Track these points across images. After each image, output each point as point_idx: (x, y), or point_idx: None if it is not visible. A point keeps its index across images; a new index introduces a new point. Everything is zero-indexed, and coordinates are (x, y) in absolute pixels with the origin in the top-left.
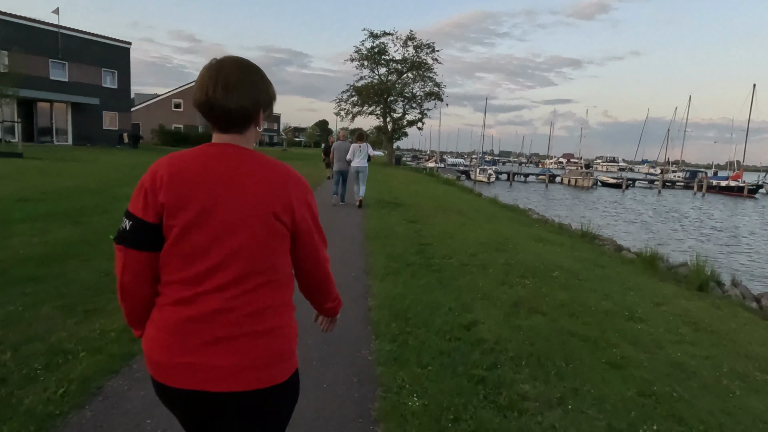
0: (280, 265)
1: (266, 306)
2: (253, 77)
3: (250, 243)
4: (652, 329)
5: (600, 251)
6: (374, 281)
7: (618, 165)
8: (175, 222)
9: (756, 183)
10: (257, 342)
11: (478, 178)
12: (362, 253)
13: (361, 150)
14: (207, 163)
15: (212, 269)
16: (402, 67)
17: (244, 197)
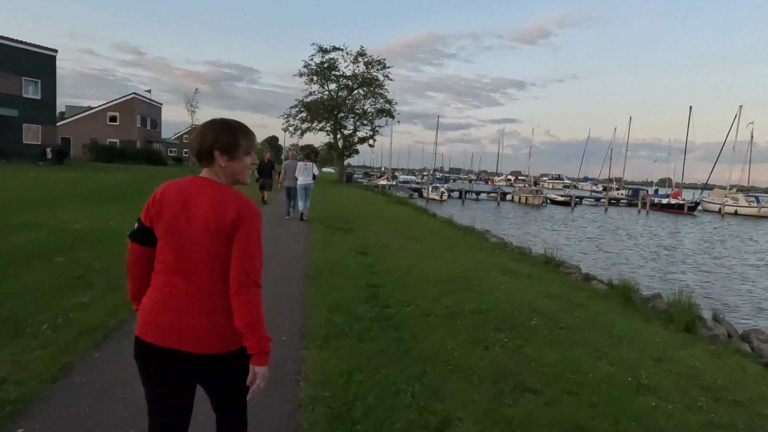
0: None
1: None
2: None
3: (211, 246)
4: (669, 405)
5: (569, 283)
6: (310, 351)
7: (563, 182)
8: (157, 227)
9: (694, 201)
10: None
11: (431, 196)
12: (299, 301)
13: (307, 168)
14: (182, 188)
15: (186, 262)
16: (352, 84)
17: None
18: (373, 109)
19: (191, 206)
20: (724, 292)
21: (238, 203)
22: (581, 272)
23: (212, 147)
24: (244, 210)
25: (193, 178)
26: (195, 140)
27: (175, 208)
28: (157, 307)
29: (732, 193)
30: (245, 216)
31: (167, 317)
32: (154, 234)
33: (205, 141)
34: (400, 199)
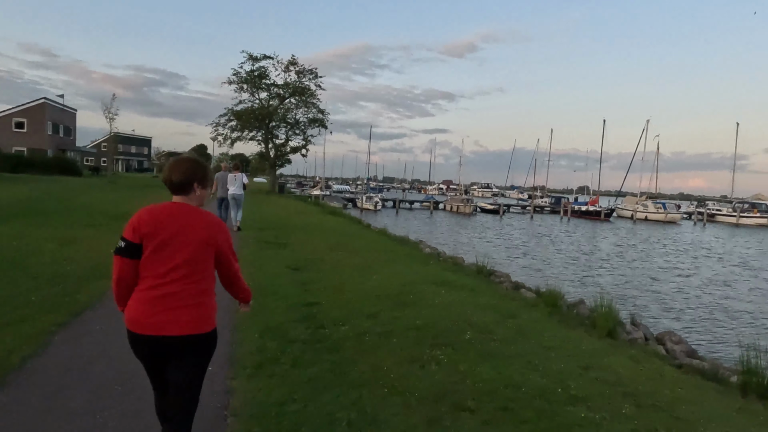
0: (210, 273)
1: (202, 293)
2: (194, 164)
3: (192, 257)
4: (596, 414)
5: (501, 293)
6: (240, 380)
7: (492, 191)
8: (150, 243)
9: (609, 207)
10: (195, 309)
11: (365, 206)
12: (228, 326)
13: (236, 179)
14: (176, 213)
15: (171, 270)
16: (284, 92)
17: (190, 232)
18: (306, 119)
19: (189, 227)
20: (639, 295)
21: (219, 223)
22: (511, 281)
23: (193, 180)
24: (224, 227)
25: (175, 204)
26: (177, 174)
27: (175, 228)
28: (150, 306)
29: (642, 200)
30: (223, 233)
31: (161, 312)
32: (142, 249)
33: (187, 176)
34: (335, 209)
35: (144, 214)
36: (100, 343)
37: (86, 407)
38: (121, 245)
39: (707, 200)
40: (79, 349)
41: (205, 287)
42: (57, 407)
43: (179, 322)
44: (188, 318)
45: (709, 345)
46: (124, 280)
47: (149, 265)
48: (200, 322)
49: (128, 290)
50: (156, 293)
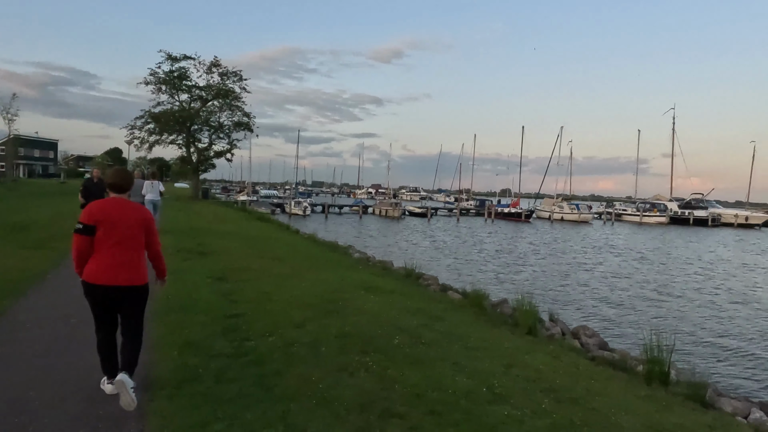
0: (142, 245)
1: (138, 259)
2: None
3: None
4: (519, 411)
5: (429, 295)
6: (158, 402)
7: (420, 194)
8: (101, 225)
9: (529, 209)
10: (135, 269)
11: (294, 211)
12: (144, 344)
13: (153, 186)
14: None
15: (120, 244)
16: (206, 95)
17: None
18: (230, 122)
19: (128, 213)
20: (557, 291)
21: (147, 211)
22: (438, 283)
23: (130, 184)
24: (149, 215)
25: (116, 199)
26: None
27: (118, 215)
28: (106, 266)
29: (558, 201)
30: (150, 218)
31: (112, 270)
32: (96, 229)
33: (127, 181)
34: (262, 215)
35: (95, 206)
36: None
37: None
38: (80, 227)
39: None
40: None
41: (140, 255)
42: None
43: (125, 277)
44: (131, 274)
45: (620, 336)
46: (83, 251)
47: (102, 240)
48: (139, 277)
49: (85, 259)
50: (108, 258)
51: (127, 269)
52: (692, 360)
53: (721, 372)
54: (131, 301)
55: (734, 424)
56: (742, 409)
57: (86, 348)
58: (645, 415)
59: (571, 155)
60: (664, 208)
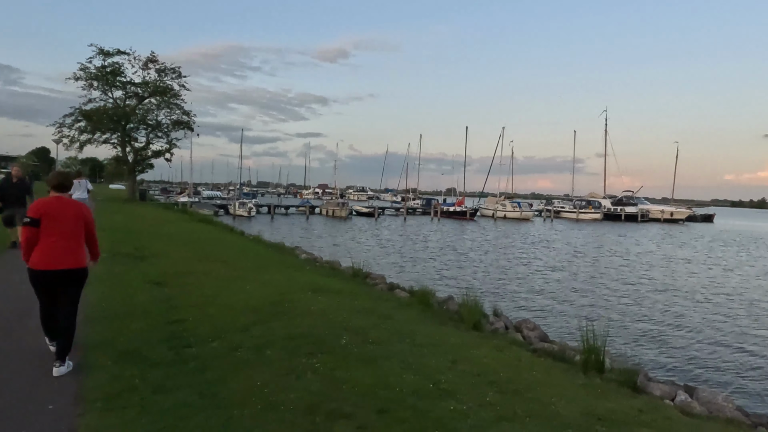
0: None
1: (78, 247)
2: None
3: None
4: (464, 405)
5: (377, 294)
6: (89, 417)
7: (367, 194)
8: (45, 218)
9: (474, 208)
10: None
11: (238, 213)
12: (75, 354)
13: (81, 185)
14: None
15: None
16: (143, 92)
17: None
18: (169, 121)
19: (68, 209)
20: (501, 286)
21: (85, 206)
22: (386, 282)
23: (70, 184)
24: (87, 210)
25: (58, 197)
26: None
27: (60, 210)
28: (50, 253)
29: (501, 200)
30: (89, 213)
31: (56, 256)
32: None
33: (69, 182)
34: (205, 216)
35: (40, 202)
36: None
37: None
38: (28, 220)
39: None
40: None
41: (80, 243)
42: None
43: (67, 261)
44: (72, 259)
45: (560, 327)
46: (30, 240)
47: (46, 231)
48: (79, 262)
49: (32, 247)
50: (52, 246)
51: (69, 255)
52: (625, 348)
53: (651, 357)
54: (71, 282)
55: (662, 407)
56: (668, 392)
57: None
58: (582, 403)
59: (512, 155)
60: (598, 205)
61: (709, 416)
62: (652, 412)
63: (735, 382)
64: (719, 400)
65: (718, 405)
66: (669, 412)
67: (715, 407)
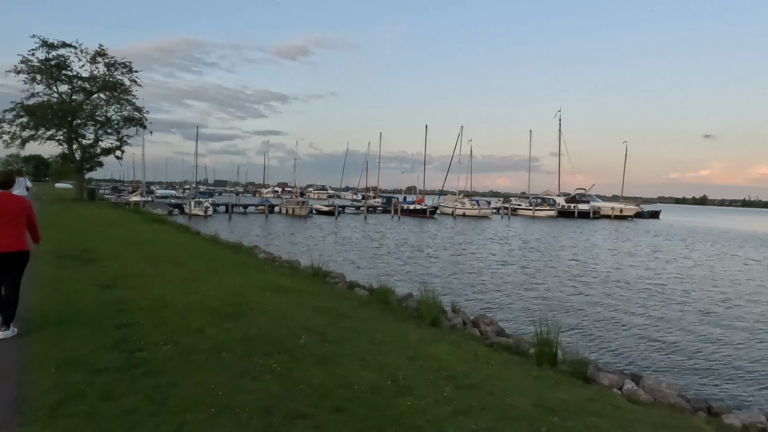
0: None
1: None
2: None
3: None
4: (422, 401)
5: (336, 293)
6: (30, 427)
7: (327, 192)
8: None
9: (434, 206)
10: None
11: (194, 212)
12: (15, 362)
13: (19, 183)
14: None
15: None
16: (91, 86)
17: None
18: (119, 117)
19: (13, 203)
20: (460, 282)
21: (26, 200)
22: (346, 281)
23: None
24: (28, 202)
25: (4, 192)
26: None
27: (6, 203)
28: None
29: (460, 198)
30: (29, 205)
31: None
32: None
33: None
34: (158, 216)
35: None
36: None
37: None
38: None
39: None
40: None
41: (23, 231)
42: None
43: (12, 245)
44: (16, 243)
45: (516, 321)
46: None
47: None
48: (22, 245)
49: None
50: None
51: (14, 240)
52: (577, 339)
53: (601, 347)
54: (16, 263)
55: (610, 395)
56: (616, 381)
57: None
58: (536, 394)
59: (471, 154)
60: (553, 202)
61: (653, 403)
62: (601, 400)
63: (678, 369)
64: (663, 387)
65: (661, 392)
66: (617, 401)
67: (659, 394)
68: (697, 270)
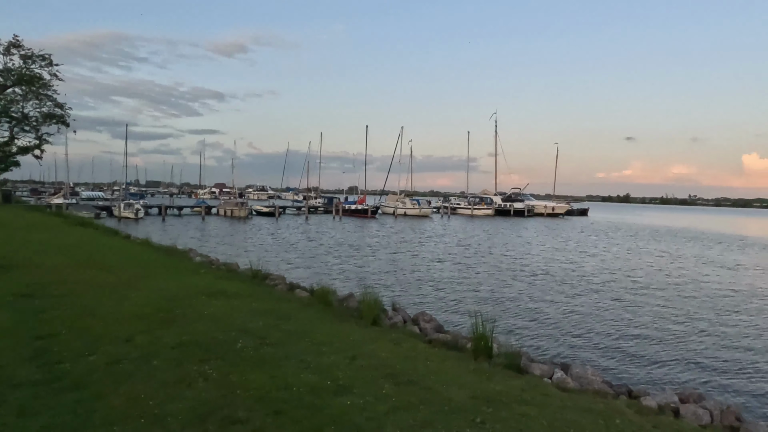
0: None
1: None
2: None
3: None
4: (361, 400)
5: (276, 295)
6: None
7: (268, 193)
8: None
9: (375, 205)
10: None
11: (124, 215)
12: None
13: None
14: None
15: None
16: (4, 80)
17: None
18: (38, 113)
19: None
20: (400, 282)
21: None
22: (286, 282)
23: None
24: None
25: None
26: None
27: None
28: None
29: (401, 198)
30: None
31: None
32: None
33: None
34: (84, 220)
35: None
36: None
37: None
38: None
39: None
40: None
41: None
42: None
43: None
44: None
45: (456, 316)
46: None
47: None
48: None
49: None
50: None
51: None
52: (512, 332)
53: (534, 338)
54: None
55: (541, 384)
56: (547, 371)
57: None
58: (472, 387)
59: (411, 154)
60: (490, 201)
61: (580, 390)
62: (532, 390)
63: (604, 356)
64: (589, 375)
65: (588, 379)
66: (547, 389)
67: (586, 381)
68: (617, 263)
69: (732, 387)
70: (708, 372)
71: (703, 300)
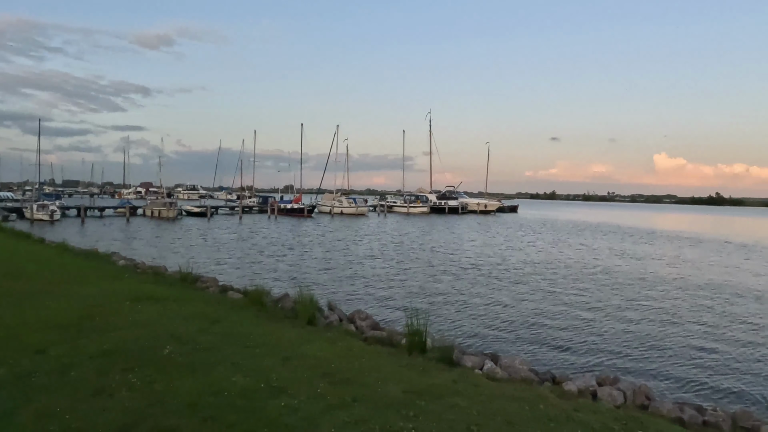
0: None
1: None
2: None
3: None
4: (295, 400)
5: (208, 298)
6: None
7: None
8: None
9: (311, 204)
10: None
11: (37, 217)
12: None
13: None
14: None
15: None
16: None
17: None
18: None
19: None
20: (336, 280)
21: None
22: (218, 285)
23: None
24: None
25: None
26: None
27: None
28: None
29: (338, 196)
30: None
31: None
32: None
33: None
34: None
35: None
36: None
37: None
38: None
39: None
40: None
41: None
42: None
43: None
44: None
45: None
46: None
47: None
48: None
49: None
50: None
51: None
52: (445, 326)
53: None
54: None
55: (472, 376)
56: (478, 362)
57: None
58: (406, 381)
59: (347, 152)
60: (426, 199)
61: (508, 379)
62: (464, 381)
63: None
64: (516, 364)
65: (515, 368)
66: (478, 380)
67: (514, 370)
68: (541, 255)
69: (643, 368)
70: (622, 356)
71: (614, 288)
